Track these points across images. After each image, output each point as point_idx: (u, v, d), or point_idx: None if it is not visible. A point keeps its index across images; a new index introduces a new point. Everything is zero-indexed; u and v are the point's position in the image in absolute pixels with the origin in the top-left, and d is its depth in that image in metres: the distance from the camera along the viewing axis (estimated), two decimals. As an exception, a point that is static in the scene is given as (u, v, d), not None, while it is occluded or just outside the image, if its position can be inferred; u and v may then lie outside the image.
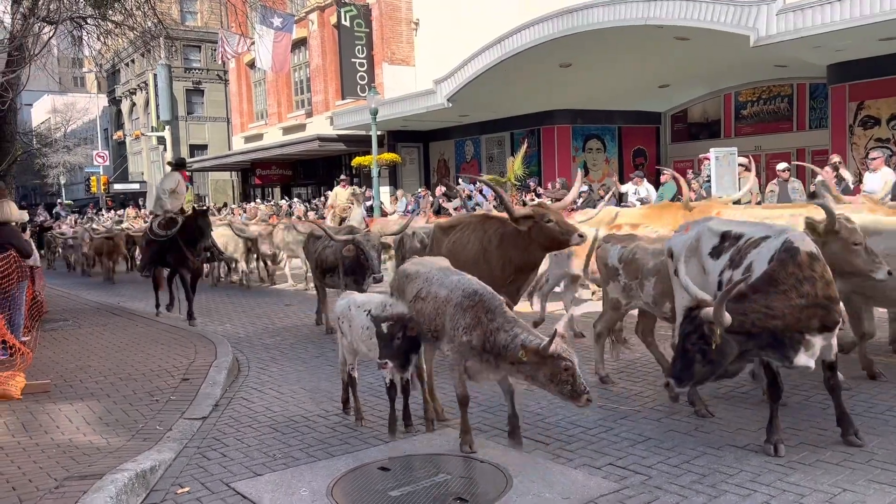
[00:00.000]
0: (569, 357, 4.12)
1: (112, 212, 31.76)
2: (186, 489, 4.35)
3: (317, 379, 6.82)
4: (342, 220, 17.07)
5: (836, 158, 12.45)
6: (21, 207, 10.70)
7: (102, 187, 41.00)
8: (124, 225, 19.65)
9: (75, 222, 27.30)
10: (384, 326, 4.68)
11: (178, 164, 11.42)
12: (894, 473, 4.05)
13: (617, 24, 15.06)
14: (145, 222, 17.90)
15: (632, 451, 4.58)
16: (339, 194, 19.29)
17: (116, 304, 12.83)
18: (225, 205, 26.86)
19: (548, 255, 7.14)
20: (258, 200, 28.90)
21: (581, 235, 6.15)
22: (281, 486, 4.32)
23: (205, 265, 13.00)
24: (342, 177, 22.33)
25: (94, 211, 33.63)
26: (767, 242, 4.53)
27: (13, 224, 8.16)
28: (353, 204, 18.32)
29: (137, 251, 16.74)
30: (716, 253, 4.92)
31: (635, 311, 6.25)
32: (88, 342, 8.81)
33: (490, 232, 6.69)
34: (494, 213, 10.24)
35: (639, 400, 5.67)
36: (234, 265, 15.19)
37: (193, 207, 10.65)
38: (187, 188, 11.17)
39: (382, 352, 4.71)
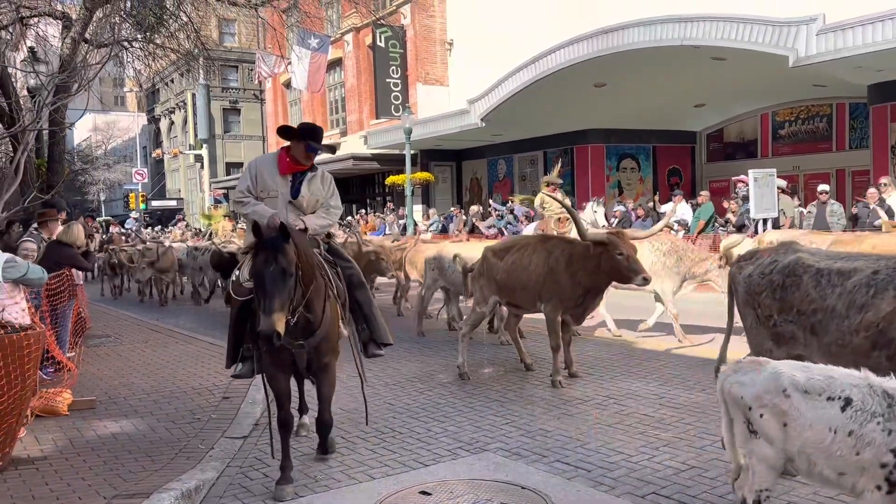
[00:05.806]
0: None
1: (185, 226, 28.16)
2: (230, 509, 4.39)
3: (355, 401, 6.83)
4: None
5: (884, 180, 12.24)
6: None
7: (140, 203, 41.85)
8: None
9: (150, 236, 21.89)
10: None
11: (286, 132, 5.14)
12: None
13: (652, 44, 15.05)
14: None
15: (675, 480, 4.52)
16: (546, 202, 13.06)
17: (155, 320, 13.04)
18: None
19: None
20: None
21: (645, 279, 6.14)
22: (323, 508, 4.35)
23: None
24: (548, 177, 13.99)
25: (185, 223, 28.76)
26: None
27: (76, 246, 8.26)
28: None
29: None
30: None
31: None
32: (130, 359, 8.97)
33: (556, 253, 6.66)
34: (550, 232, 10.04)
35: (679, 427, 5.60)
36: None
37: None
38: (289, 185, 5.02)
39: None
